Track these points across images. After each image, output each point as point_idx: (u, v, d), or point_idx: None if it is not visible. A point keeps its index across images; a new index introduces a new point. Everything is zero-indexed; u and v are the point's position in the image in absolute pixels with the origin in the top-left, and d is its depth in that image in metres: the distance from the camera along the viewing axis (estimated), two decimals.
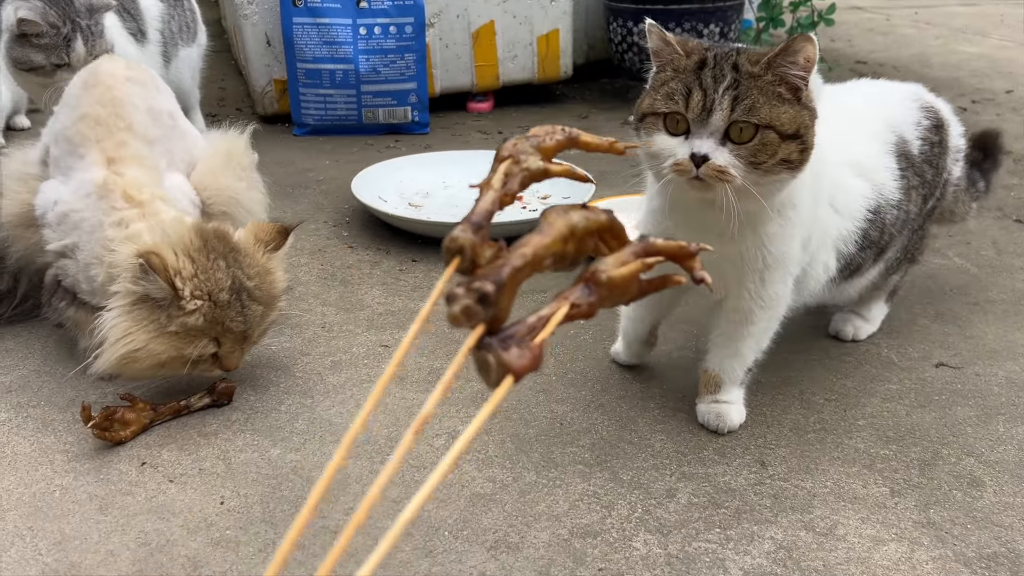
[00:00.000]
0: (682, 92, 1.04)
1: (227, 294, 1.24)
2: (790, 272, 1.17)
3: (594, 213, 0.68)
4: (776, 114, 1.02)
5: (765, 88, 1.02)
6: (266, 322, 1.32)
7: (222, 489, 1.15)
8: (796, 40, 1.00)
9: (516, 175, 0.69)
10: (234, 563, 1.03)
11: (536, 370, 0.58)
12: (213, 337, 1.25)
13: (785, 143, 1.02)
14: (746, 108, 1.02)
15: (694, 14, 2.79)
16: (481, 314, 0.58)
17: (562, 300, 0.64)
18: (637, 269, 0.67)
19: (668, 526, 1.09)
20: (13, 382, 1.38)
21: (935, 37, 4.10)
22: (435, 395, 0.53)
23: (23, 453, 1.22)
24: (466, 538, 1.07)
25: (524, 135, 0.72)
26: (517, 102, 2.94)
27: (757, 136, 1.02)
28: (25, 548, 1.05)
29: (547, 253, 0.64)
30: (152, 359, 1.22)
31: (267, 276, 1.30)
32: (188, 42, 2.38)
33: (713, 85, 1.02)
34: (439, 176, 2.16)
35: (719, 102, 1.02)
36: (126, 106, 1.41)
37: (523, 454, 1.22)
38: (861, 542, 1.06)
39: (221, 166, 1.52)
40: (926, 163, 1.32)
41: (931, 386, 1.37)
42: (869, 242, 1.26)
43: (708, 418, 1.26)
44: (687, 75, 1.05)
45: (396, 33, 2.58)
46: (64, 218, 1.35)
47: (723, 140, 1.03)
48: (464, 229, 0.63)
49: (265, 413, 1.32)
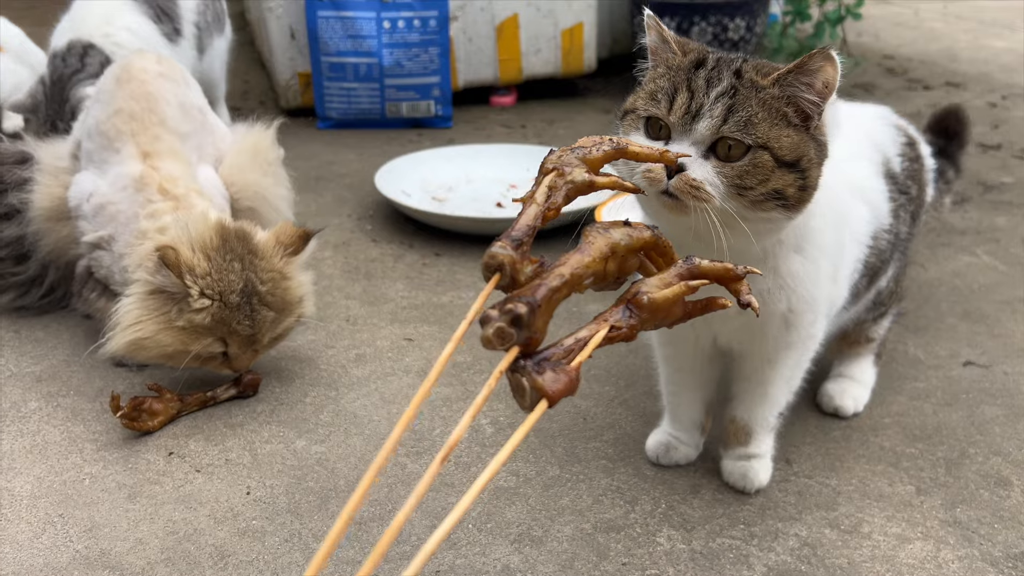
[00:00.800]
0: (667, 91, 0.89)
1: (237, 296, 1.24)
2: (821, 312, 1.04)
3: (637, 231, 0.65)
4: (775, 134, 0.86)
5: (768, 103, 0.87)
6: (279, 328, 1.31)
7: (248, 479, 1.17)
8: (815, 57, 0.86)
9: (560, 188, 0.66)
10: (260, 553, 1.04)
11: (573, 394, 0.56)
12: (220, 337, 1.25)
13: (780, 171, 0.86)
14: (740, 121, 0.86)
15: (719, 8, 2.77)
16: (515, 336, 0.57)
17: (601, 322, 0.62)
18: (681, 292, 0.64)
19: (692, 522, 1.09)
20: (43, 371, 1.40)
21: (964, 31, 4.05)
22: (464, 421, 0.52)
23: (53, 442, 1.24)
24: (490, 531, 1.07)
25: (569, 147, 0.69)
26: (540, 96, 2.93)
27: (747, 156, 0.86)
28: (56, 535, 1.07)
29: (586, 272, 0.62)
30: (159, 349, 1.24)
31: (282, 282, 1.29)
32: (219, 33, 2.40)
33: (705, 88, 0.88)
34: (462, 170, 2.16)
35: (709, 108, 0.87)
36: (159, 101, 1.43)
37: (547, 448, 1.22)
38: (886, 540, 1.06)
39: (248, 162, 1.53)
40: (910, 179, 1.22)
41: (958, 385, 1.36)
42: (868, 269, 1.14)
43: (733, 478, 1.14)
44: (678, 73, 0.91)
45: (420, 27, 2.58)
46: (100, 210, 1.37)
47: (707, 154, 0.87)
48: (504, 245, 0.61)
49: (290, 405, 1.33)
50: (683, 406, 1.17)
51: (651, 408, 1.30)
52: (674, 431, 1.19)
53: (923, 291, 1.65)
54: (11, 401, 1.33)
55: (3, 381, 1.38)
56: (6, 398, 1.33)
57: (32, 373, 1.40)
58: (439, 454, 0.50)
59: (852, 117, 1.25)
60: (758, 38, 2.90)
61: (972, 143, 2.47)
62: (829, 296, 1.04)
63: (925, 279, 1.70)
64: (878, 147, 1.19)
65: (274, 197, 1.56)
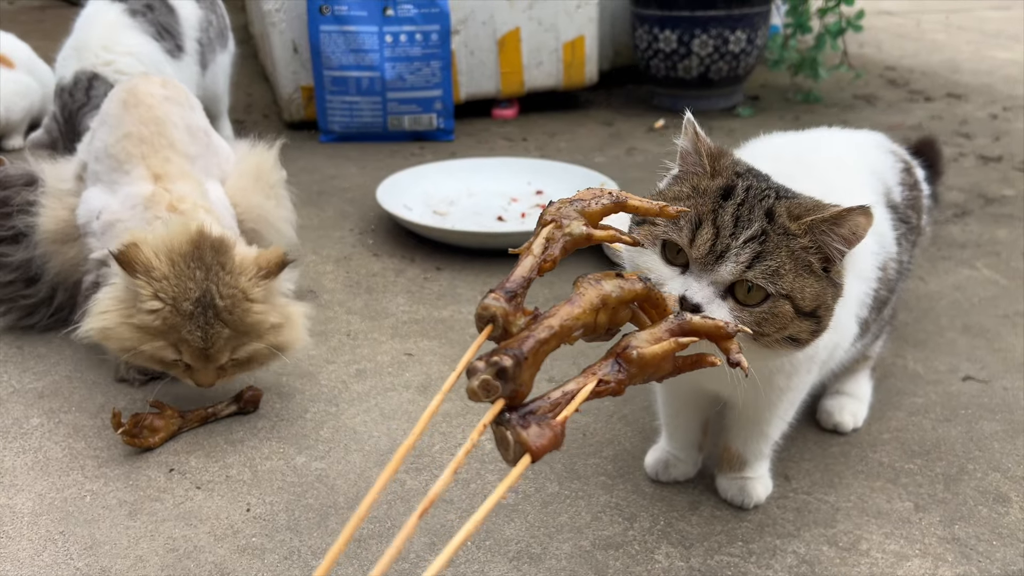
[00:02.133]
0: (691, 220, 0.85)
1: (191, 305, 1.21)
2: (817, 361, 1.03)
3: (629, 282, 0.65)
4: (800, 285, 0.84)
5: (797, 253, 0.85)
6: (241, 351, 1.26)
7: (248, 496, 1.17)
8: (854, 212, 0.84)
9: (558, 240, 0.66)
10: (260, 570, 1.04)
11: (557, 449, 0.56)
12: (172, 343, 1.23)
13: (798, 320, 0.85)
14: (768, 271, 0.83)
15: (721, 21, 2.78)
16: (500, 389, 0.57)
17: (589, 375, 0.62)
18: (670, 349, 0.64)
19: (690, 539, 1.09)
20: (45, 388, 1.41)
21: (966, 42, 4.06)
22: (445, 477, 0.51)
23: (55, 458, 1.25)
24: (488, 548, 1.08)
25: (568, 198, 0.69)
26: (542, 109, 2.94)
27: (767, 303, 0.84)
28: (57, 552, 1.07)
29: (576, 324, 0.62)
30: (119, 342, 1.24)
31: (243, 302, 1.24)
32: (222, 48, 2.42)
33: (732, 227, 0.84)
34: (464, 184, 2.17)
35: (736, 252, 0.83)
36: (167, 125, 1.46)
37: (546, 465, 1.23)
38: (885, 557, 1.06)
39: (251, 184, 1.56)
40: (910, 208, 1.21)
41: (957, 400, 1.36)
42: (878, 302, 1.12)
43: (731, 493, 1.14)
44: (705, 201, 0.86)
45: (422, 40, 2.59)
46: (110, 227, 1.39)
47: (724, 294, 0.85)
48: (497, 297, 0.61)
49: (290, 421, 1.33)
50: (679, 427, 1.17)
51: (650, 424, 1.30)
52: (672, 449, 1.19)
53: (923, 304, 1.65)
54: (13, 417, 1.33)
55: (5, 397, 1.39)
56: (8, 414, 1.34)
57: (34, 389, 1.41)
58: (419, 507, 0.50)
59: (852, 146, 1.24)
60: (759, 50, 2.92)
61: (973, 155, 2.48)
62: (827, 343, 1.01)
63: (925, 292, 1.70)
64: (879, 177, 1.18)
65: (276, 220, 1.58)
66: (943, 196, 2.17)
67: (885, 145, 1.27)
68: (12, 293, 1.53)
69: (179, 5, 2.25)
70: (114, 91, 1.53)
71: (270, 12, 2.64)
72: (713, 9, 2.77)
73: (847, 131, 1.29)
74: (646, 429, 1.30)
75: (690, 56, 2.83)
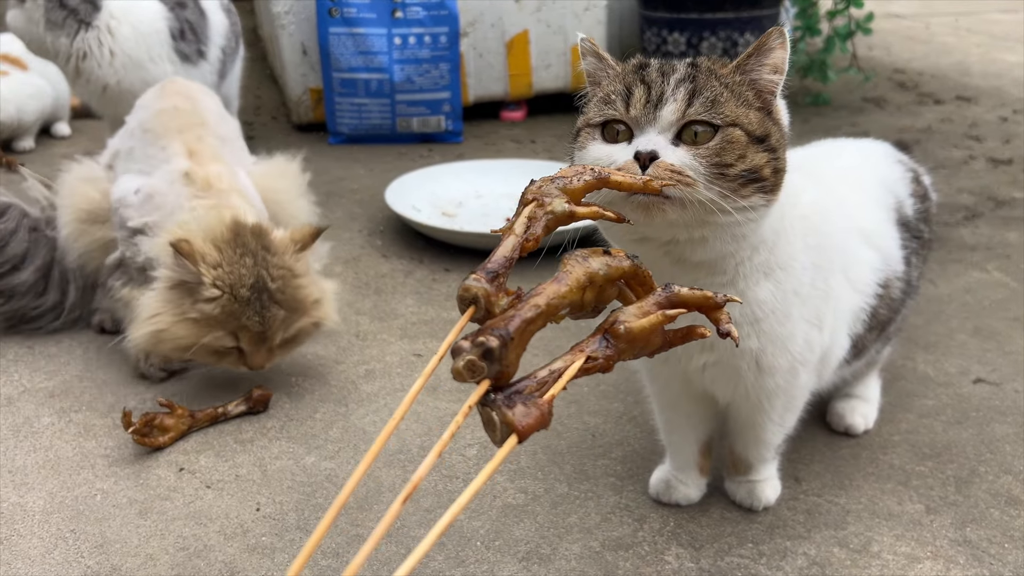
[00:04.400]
0: (621, 92, 0.85)
1: (248, 291, 1.27)
2: (799, 359, 0.99)
3: (616, 259, 0.64)
4: (743, 112, 0.84)
5: (731, 86, 0.85)
6: (291, 328, 1.33)
7: (258, 496, 1.17)
8: (771, 36, 0.85)
9: (540, 219, 0.65)
10: (269, 569, 1.04)
11: (545, 428, 0.55)
12: (231, 331, 1.28)
13: (754, 146, 0.83)
14: (707, 102, 0.83)
15: (729, 23, 2.78)
16: (485, 370, 0.56)
17: (577, 352, 0.61)
18: (658, 321, 0.63)
19: (700, 540, 1.09)
20: (56, 387, 1.42)
21: (976, 45, 4.04)
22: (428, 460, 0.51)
23: (65, 457, 1.25)
24: (498, 548, 1.07)
25: (550, 176, 0.69)
26: (550, 111, 2.94)
27: (718, 135, 0.82)
28: (68, 551, 1.08)
29: (562, 303, 0.61)
30: (174, 342, 1.27)
31: (292, 280, 1.31)
32: (236, 54, 2.42)
33: (660, 80, 0.84)
34: (472, 185, 2.17)
35: (671, 93, 0.83)
36: (200, 105, 1.54)
37: (555, 466, 1.23)
38: (896, 560, 1.05)
39: (276, 180, 1.62)
40: (922, 222, 1.19)
41: (968, 402, 1.36)
42: (877, 321, 1.09)
43: (739, 496, 1.13)
44: (626, 76, 0.87)
45: (430, 43, 2.60)
46: (148, 199, 1.42)
47: (675, 141, 0.83)
48: (478, 278, 0.60)
49: (300, 421, 1.33)
50: (676, 444, 1.14)
51: None
52: (673, 469, 1.15)
53: (933, 307, 1.65)
54: (24, 416, 1.34)
55: (16, 396, 1.39)
56: (19, 413, 1.35)
57: (45, 388, 1.41)
58: (401, 494, 0.49)
59: (861, 158, 1.22)
60: None
61: (983, 158, 2.47)
62: (807, 339, 0.98)
63: (935, 295, 1.70)
64: (890, 189, 1.16)
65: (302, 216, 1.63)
66: (954, 199, 2.16)
67: (892, 155, 1.25)
68: (21, 310, 1.56)
69: (209, 8, 2.22)
70: (153, 87, 1.63)
71: (279, 14, 2.65)
72: (722, 11, 2.76)
73: (854, 141, 1.28)
74: (656, 431, 1.29)
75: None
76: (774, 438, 1.10)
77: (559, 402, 1.35)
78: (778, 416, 1.06)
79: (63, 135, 2.70)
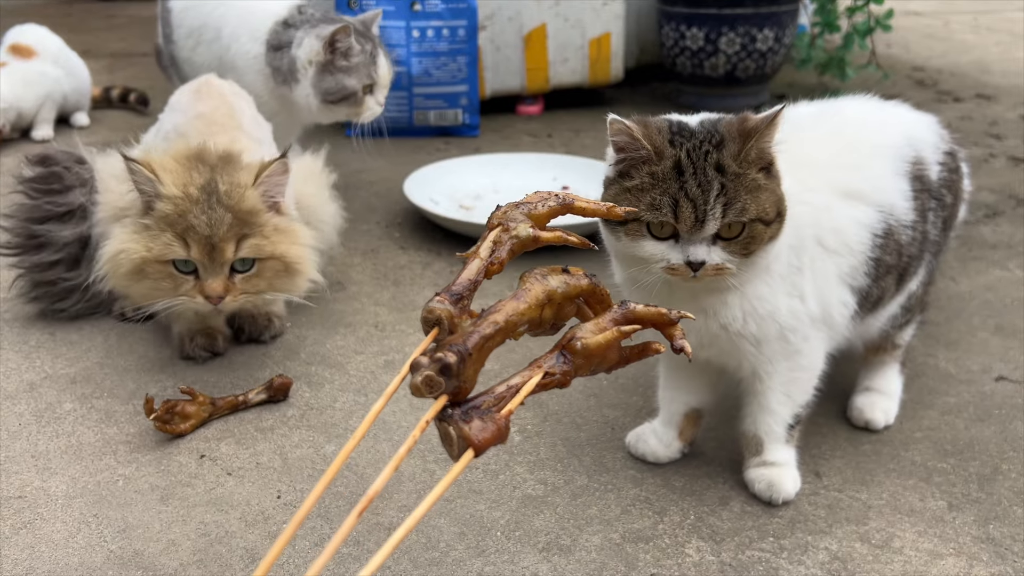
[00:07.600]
0: (669, 204, 0.97)
1: (197, 191, 1.31)
2: (788, 326, 1.08)
3: (574, 278, 0.66)
4: (761, 206, 0.98)
5: (748, 183, 0.98)
6: (245, 246, 1.32)
7: (279, 483, 1.18)
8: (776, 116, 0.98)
9: (505, 243, 0.67)
10: (290, 556, 1.05)
11: (502, 442, 0.56)
12: (179, 234, 1.30)
13: (770, 227, 1.00)
14: (737, 212, 0.98)
15: (748, 19, 2.76)
16: (443, 385, 0.57)
17: (535, 368, 0.62)
18: (614, 338, 0.64)
19: (721, 533, 1.08)
20: (77, 373, 1.42)
21: (995, 43, 4.01)
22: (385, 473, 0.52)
23: (87, 443, 1.26)
24: (518, 539, 1.08)
25: (515, 202, 0.71)
26: (567, 105, 2.94)
27: (745, 231, 0.99)
28: (91, 535, 1.08)
29: (521, 320, 0.62)
30: (130, 263, 1.31)
31: (239, 189, 1.33)
32: None
33: (702, 196, 0.97)
34: (489, 179, 2.17)
35: (711, 212, 0.97)
36: (236, 110, 1.57)
37: (575, 457, 1.23)
38: (918, 556, 1.05)
39: (302, 178, 1.63)
40: (945, 187, 1.23)
41: (991, 400, 1.35)
42: (885, 268, 1.14)
43: (759, 487, 1.15)
44: (668, 184, 0.98)
45: (448, 36, 2.60)
46: None
47: (712, 240, 0.99)
48: (442, 300, 0.62)
49: (320, 410, 1.34)
50: (666, 400, 1.22)
51: None
52: (655, 423, 1.23)
53: (954, 304, 1.64)
54: (47, 402, 1.35)
55: (39, 382, 1.40)
56: (42, 399, 1.36)
57: (67, 375, 1.42)
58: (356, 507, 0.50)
59: (894, 114, 1.27)
60: (786, 49, 2.90)
61: (1004, 156, 2.45)
62: (791, 309, 1.07)
63: (956, 292, 1.69)
64: (913, 145, 1.20)
65: (325, 214, 1.65)
66: (974, 197, 2.15)
67: (935, 127, 1.29)
68: (53, 276, 1.55)
69: None
70: (186, 85, 1.65)
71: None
72: (741, 7, 2.75)
73: (900, 105, 1.31)
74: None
75: (717, 54, 2.82)
76: (782, 409, 1.13)
77: (577, 393, 1.36)
78: (783, 387, 1.12)
79: (82, 125, 2.71)
